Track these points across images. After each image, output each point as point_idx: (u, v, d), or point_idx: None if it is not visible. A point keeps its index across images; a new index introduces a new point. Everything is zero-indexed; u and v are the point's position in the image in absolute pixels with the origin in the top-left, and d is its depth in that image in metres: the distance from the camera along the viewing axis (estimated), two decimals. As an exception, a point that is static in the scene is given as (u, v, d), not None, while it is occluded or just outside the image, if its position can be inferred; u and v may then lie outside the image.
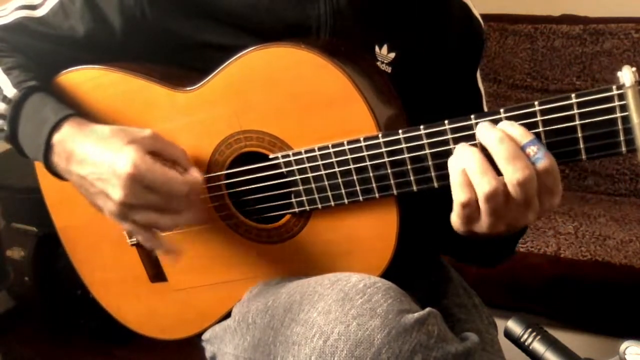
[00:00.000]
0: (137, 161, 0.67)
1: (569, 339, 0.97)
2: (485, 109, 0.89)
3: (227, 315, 0.83)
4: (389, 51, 0.79)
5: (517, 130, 0.59)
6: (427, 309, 0.61)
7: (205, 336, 0.87)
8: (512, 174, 0.58)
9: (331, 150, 0.68)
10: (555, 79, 2.04)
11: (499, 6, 2.12)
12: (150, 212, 0.69)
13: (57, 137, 0.72)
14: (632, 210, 1.83)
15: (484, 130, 0.60)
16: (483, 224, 0.63)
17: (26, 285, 1.93)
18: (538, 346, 0.56)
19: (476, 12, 0.87)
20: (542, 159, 0.58)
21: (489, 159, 0.60)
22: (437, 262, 1.00)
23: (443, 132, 0.63)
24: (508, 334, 0.58)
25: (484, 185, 0.60)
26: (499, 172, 0.60)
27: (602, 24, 2.00)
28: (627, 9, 2.02)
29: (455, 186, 0.62)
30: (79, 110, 0.80)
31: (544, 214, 0.63)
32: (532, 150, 0.58)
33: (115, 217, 0.71)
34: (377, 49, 0.79)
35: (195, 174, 0.72)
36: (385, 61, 0.79)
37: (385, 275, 0.68)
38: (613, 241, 1.62)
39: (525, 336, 0.57)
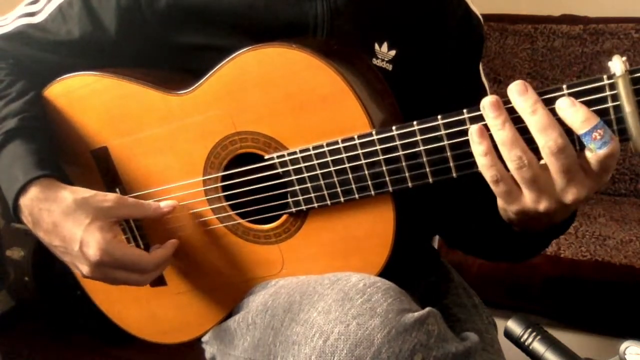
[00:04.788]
0: (102, 246, 0.70)
1: (569, 339, 0.97)
2: None
3: (228, 317, 0.83)
4: (389, 49, 0.79)
5: (580, 116, 0.56)
6: (427, 309, 0.61)
7: (205, 338, 0.87)
8: (545, 144, 0.57)
9: (326, 149, 0.68)
10: (555, 79, 2.04)
11: (499, 6, 2.12)
12: (120, 277, 0.73)
13: (23, 201, 0.73)
14: (632, 210, 1.83)
15: (517, 100, 0.58)
16: (527, 198, 0.61)
17: (26, 285, 1.93)
18: (538, 346, 0.56)
19: (474, 8, 0.87)
20: (608, 142, 0.56)
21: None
22: (437, 262, 1.00)
23: (436, 128, 0.63)
24: (508, 334, 0.58)
25: (512, 160, 0.58)
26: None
27: (602, 24, 2.01)
28: (627, 9, 2.02)
29: (481, 168, 0.61)
30: (73, 119, 0.81)
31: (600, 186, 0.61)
32: (598, 134, 0.55)
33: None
34: (377, 46, 0.79)
35: (165, 250, 0.78)
36: (385, 59, 0.79)
37: (385, 274, 0.68)
38: (613, 241, 1.62)
39: (525, 336, 0.57)
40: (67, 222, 0.71)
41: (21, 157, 0.75)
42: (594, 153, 0.57)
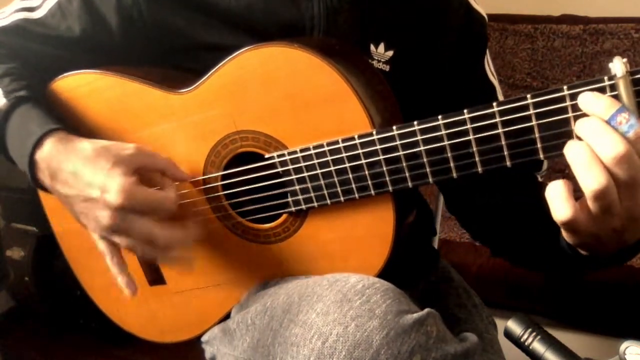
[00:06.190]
0: (125, 189, 0.66)
1: (569, 339, 0.97)
2: None
3: (227, 316, 0.83)
4: (386, 49, 0.79)
5: (601, 103, 0.54)
6: (426, 310, 0.61)
7: (204, 338, 0.87)
8: (608, 151, 0.53)
9: (326, 148, 0.68)
10: (555, 79, 2.04)
11: (499, 6, 2.12)
12: (142, 227, 0.69)
13: (39, 154, 0.71)
14: (632, 210, 1.83)
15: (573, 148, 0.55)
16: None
17: (26, 285, 1.93)
18: (538, 346, 0.56)
19: (476, 6, 0.86)
20: (635, 125, 0.54)
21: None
22: (437, 262, 1.00)
23: (437, 128, 0.62)
24: (508, 334, 0.58)
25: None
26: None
27: (602, 24, 2.00)
28: (627, 9, 2.02)
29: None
30: (75, 116, 0.80)
31: None
32: (623, 118, 0.54)
33: (98, 236, 0.72)
34: (372, 47, 0.78)
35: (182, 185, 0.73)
36: (382, 59, 0.79)
37: (385, 275, 0.68)
38: (613, 241, 1.62)
39: (525, 336, 0.56)
40: (87, 169, 0.69)
41: (34, 116, 0.74)
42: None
